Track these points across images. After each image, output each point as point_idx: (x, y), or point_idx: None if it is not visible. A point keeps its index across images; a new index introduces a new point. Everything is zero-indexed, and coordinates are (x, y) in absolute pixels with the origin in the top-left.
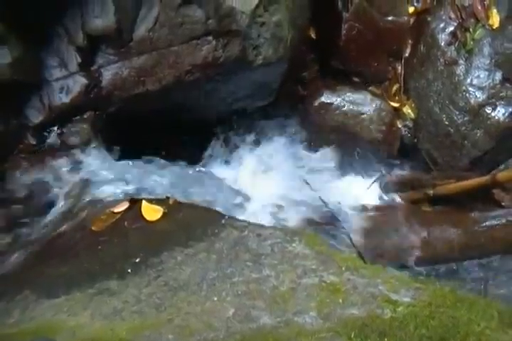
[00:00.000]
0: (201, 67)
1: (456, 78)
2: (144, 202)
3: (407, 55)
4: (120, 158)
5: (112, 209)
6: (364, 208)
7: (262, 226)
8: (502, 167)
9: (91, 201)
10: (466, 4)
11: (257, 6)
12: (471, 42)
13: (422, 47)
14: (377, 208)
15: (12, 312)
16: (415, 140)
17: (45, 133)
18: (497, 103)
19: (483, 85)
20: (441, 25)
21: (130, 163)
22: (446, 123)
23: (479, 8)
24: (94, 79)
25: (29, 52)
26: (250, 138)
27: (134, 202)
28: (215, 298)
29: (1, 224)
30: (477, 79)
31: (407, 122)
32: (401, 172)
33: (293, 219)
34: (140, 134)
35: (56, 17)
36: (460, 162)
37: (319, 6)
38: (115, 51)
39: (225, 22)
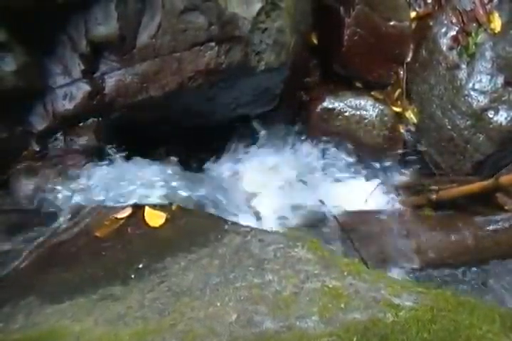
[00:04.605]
0: (204, 73)
1: (458, 82)
2: (147, 207)
3: (409, 59)
4: (124, 163)
5: (115, 215)
6: (367, 213)
7: (264, 231)
8: (505, 171)
9: (95, 207)
10: (468, 8)
11: (259, 12)
12: (473, 47)
13: (424, 52)
14: (379, 213)
15: (16, 317)
16: (418, 144)
17: (49, 140)
18: (499, 107)
19: (486, 89)
20: (443, 29)
21: (134, 167)
22: (449, 127)
23: (481, 12)
24: (97, 85)
25: (33, 60)
26: (252, 143)
27: (137, 208)
28: (218, 303)
29: (4, 231)
30: (479, 83)
31: (410, 127)
32: (404, 177)
33: (295, 224)
34: (143, 140)
35: (59, 24)
36: (463, 166)
37: (321, 12)
38: (118, 58)
39: (227, 28)
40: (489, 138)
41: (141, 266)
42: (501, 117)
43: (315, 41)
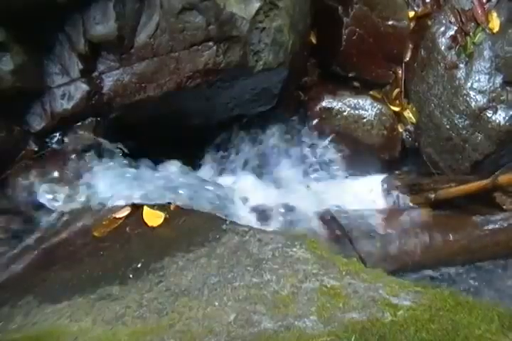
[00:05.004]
0: (202, 73)
1: (457, 82)
2: (145, 207)
3: (407, 59)
4: (122, 163)
5: (113, 215)
6: (365, 212)
7: (263, 231)
8: (503, 170)
9: (93, 206)
10: (467, 8)
11: (258, 12)
12: (472, 46)
13: (422, 52)
14: (378, 212)
15: (14, 317)
16: (416, 144)
17: (47, 140)
18: (498, 106)
19: (484, 89)
20: (442, 29)
21: (132, 167)
22: (447, 127)
23: (479, 12)
24: (95, 85)
25: (31, 59)
26: (251, 143)
27: (136, 208)
28: (216, 303)
29: (3, 231)
30: (478, 82)
31: (408, 126)
32: (402, 176)
33: (294, 223)
34: (142, 139)
35: (58, 24)
36: (461, 165)
37: (320, 11)
38: (116, 57)
39: (225, 28)
40: (488, 138)
41: (139, 265)
42: (500, 117)
43: (313, 41)
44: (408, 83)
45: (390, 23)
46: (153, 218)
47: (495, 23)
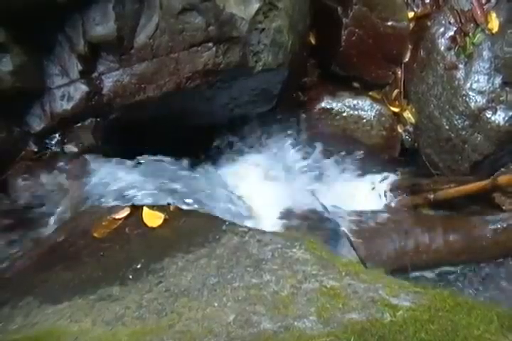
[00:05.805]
0: (202, 74)
1: (456, 82)
2: (145, 208)
3: (407, 59)
4: (122, 163)
5: (113, 216)
6: (365, 213)
7: (262, 231)
8: (502, 171)
9: (93, 207)
10: (466, 9)
11: (257, 13)
12: (471, 47)
13: (421, 52)
14: (378, 213)
15: (15, 318)
16: (416, 144)
17: (47, 140)
18: (497, 107)
19: (483, 89)
20: (441, 29)
21: (131, 168)
22: (447, 127)
23: (479, 12)
24: (95, 86)
25: (31, 60)
26: (251, 144)
27: (135, 209)
28: (216, 304)
29: (3, 231)
30: (477, 83)
31: (408, 127)
32: (402, 177)
33: (293, 224)
34: (141, 140)
35: (58, 25)
36: (460, 166)
37: (319, 12)
38: (116, 58)
39: (225, 28)
40: (487, 138)
41: (139, 266)
42: (499, 117)
43: (313, 41)
44: (408, 84)
45: (390, 23)
46: (152, 219)
47: (494, 23)
